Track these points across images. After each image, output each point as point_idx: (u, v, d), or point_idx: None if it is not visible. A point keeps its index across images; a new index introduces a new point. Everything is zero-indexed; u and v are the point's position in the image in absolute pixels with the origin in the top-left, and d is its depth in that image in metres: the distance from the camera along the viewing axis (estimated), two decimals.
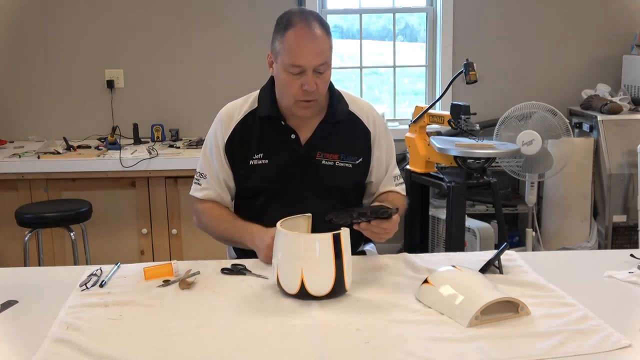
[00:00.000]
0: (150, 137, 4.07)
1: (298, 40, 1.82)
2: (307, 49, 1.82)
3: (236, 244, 2.01)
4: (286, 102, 1.92)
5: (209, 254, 2.13)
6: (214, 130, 2.03)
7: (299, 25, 1.83)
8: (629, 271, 1.75)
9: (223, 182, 2.02)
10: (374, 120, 2.05)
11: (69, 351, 1.34)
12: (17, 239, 3.50)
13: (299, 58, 1.82)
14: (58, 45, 4.13)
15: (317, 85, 1.86)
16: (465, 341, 1.38)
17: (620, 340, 1.36)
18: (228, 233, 1.98)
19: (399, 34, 4.54)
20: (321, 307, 1.55)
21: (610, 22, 4.34)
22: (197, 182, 2.06)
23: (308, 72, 1.84)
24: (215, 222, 2.02)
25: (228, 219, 2.01)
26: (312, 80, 1.85)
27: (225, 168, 2.01)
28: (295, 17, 1.85)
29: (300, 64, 1.83)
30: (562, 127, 3.64)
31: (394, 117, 4.50)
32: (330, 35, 1.89)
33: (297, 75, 1.85)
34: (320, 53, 1.84)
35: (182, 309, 1.56)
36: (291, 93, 1.87)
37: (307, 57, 1.82)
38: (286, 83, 1.87)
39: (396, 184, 2.08)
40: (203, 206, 2.05)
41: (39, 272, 2.09)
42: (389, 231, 1.76)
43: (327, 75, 1.90)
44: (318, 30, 1.84)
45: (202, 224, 2.07)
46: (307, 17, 1.86)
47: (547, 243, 4.07)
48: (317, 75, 1.86)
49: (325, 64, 1.86)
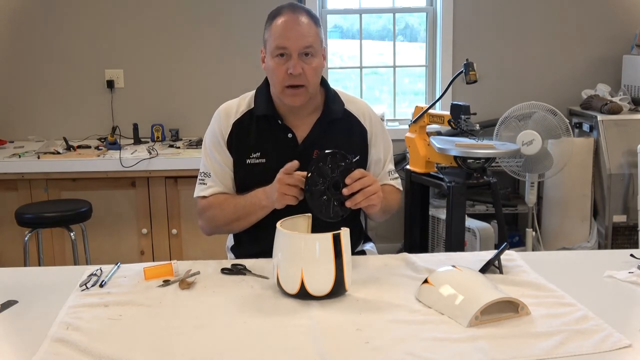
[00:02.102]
0: (150, 137, 4.07)
1: (283, 25, 1.88)
2: (291, 31, 1.87)
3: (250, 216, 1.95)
4: (275, 91, 1.94)
5: (209, 254, 2.13)
6: (214, 126, 2.03)
7: (285, 13, 1.89)
8: (629, 271, 1.75)
9: (229, 174, 2.01)
10: (370, 119, 2.05)
11: (69, 351, 1.34)
12: (17, 239, 3.50)
13: (284, 40, 1.86)
14: (58, 45, 4.13)
15: (304, 71, 1.87)
16: (465, 341, 1.38)
17: (620, 340, 1.36)
18: (240, 205, 1.94)
19: (399, 34, 4.54)
20: (321, 307, 1.55)
21: (610, 22, 4.34)
22: (202, 182, 2.03)
23: (293, 55, 1.87)
24: (224, 205, 1.98)
25: (235, 196, 1.99)
26: (298, 64, 1.87)
27: (229, 159, 2.00)
28: (284, 7, 1.92)
29: (284, 45, 1.86)
30: (562, 127, 3.64)
31: (394, 117, 4.50)
32: (318, 26, 1.92)
33: (283, 59, 1.87)
34: (304, 36, 1.87)
35: (182, 309, 1.56)
36: (279, 79, 1.89)
37: (291, 39, 1.86)
38: (274, 69, 1.90)
39: (391, 178, 2.09)
40: (206, 201, 2.02)
41: (39, 272, 2.09)
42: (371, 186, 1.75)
43: (315, 63, 1.90)
44: (304, 18, 1.89)
45: (209, 219, 2.02)
46: (295, 7, 1.92)
47: (547, 243, 4.07)
48: (303, 60, 1.88)
49: (310, 47, 1.88)
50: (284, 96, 1.92)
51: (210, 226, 2.04)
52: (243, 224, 1.98)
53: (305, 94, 1.92)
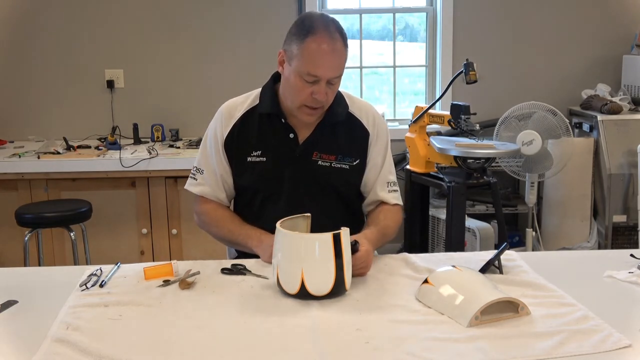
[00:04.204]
0: (150, 137, 4.07)
1: (319, 50, 1.80)
2: (326, 61, 1.82)
3: (238, 246, 2.00)
4: (291, 104, 1.91)
5: (209, 254, 2.14)
6: (214, 126, 2.03)
7: (320, 35, 1.81)
8: (629, 271, 1.75)
9: (220, 179, 2.02)
10: (374, 121, 2.04)
11: (69, 351, 1.34)
12: (17, 239, 3.50)
13: (317, 68, 1.81)
14: (58, 45, 4.13)
15: (326, 95, 1.86)
16: (465, 341, 1.38)
17: (620, 340, 1.36)
18: (233, 235, 1.97)
19: (399, 34, 4.54)
20: (321, 307, 1.55)
21: (610, 22, 4.34)
22: (193, 176, 2.06)
23: (322, 82, 1.84)
24: (220, 223, 2.01)
25: (234, 220, 2.00)
26: (324, 90, 1.85)
27: (223, 164, 2.01)
28: (319, 25, 1.83)
29: (317, 74, 1.82)
30: (562, 127, 3.64)
31: (394, 117, 4.50)
32: (347, 48, 1.88)
33: (310, 84, 1.84)
34: (338, 67, 1.85)
35: (182, 309, 1.56)
36: (300, 99, 1.87)
37: (325, 69, 1.82)
38: (297, 88, 1.86)
39: (389, 190, 2.04)
40: (205, 207, 2.04)
41: (39, 272, 2.09)
42: (365, 263, 1.73)
43: (337, 86, 1.91)
44: (339, 43, 1.84)
45: (203, 224, 2.07)
46: (329, 26, 1.84)
47: (547, 243, 4.07)
48: (328, 86, 1.86)
49: (339, 76, 1.87)
50: (301, 113, 1.91)
51: (202, 228, 2.09)
52: (233, 245, 2.04)
53: (320, 112, 1.94)
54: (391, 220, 2.01)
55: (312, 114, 1.90)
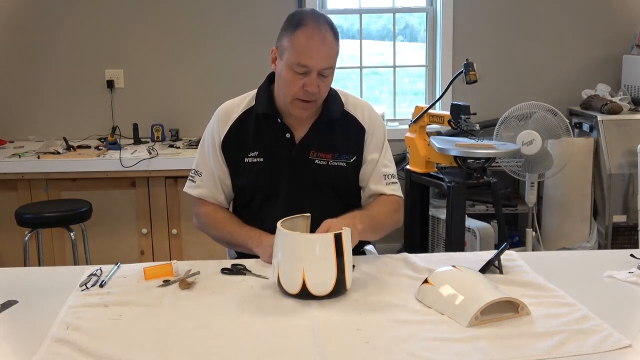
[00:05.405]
0: (150, 137, 4.07)
1: (308, 41, 1.82)
2: (315, 50, 1.82)
3: (238, 247, 1.99)
4: (284, 99, 1.91)
5: (209, 254, 2.14)
6: (211, 128, 2.03)
7: (310, 26, 1.83)
8: (629, 271, 1.75)
9: (218, 181, 2.02)
10: (369, 117, 2.04)
11: (69, 351, 1.34)
12: (17, 239, 3.50)
13: (307, 58, 1.82)
14: (58, 45, 4.13)
15: (319, 87, 1.86)
16: (465, 341, 1.38)
17: (620, 340, 1.36)
18: (233, 236, 1.97)
19: (399, 34, 4.54)
20: (321, 307, 1.55)
21: (610, 22, 4.34)
22: (192, 179, 2.07)
23: (312, 73, 1.84)
24: (219, 225, 2.01)
25: (233, 222, 2.00)
26: (316, 82, 1.85)
27: (221, 166, 2.01)
28: (308, 17, 1.86)
29: (307, 64, 1.83)
30: (562, 127, 3.64)
31: (394, 117, 4.50)
32: (338, 41, 1.89)
33: (301, 75, 1.84)
34: (328, 57, 1.85)
35: (182, 309, 1.56)
36: (292, 91, 1.87)
37: (314, 58, 1.83)
38: (288, 81, 1.87)
39: (387, 182, 2.02)
40: (204, 209, 2.05)
41: (39, 272, 2.10)
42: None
43: (329, 79, 1.91)
44: (329, 35, 1.85)
45: (203, 226, 2.07)
46: (319, 19, 1.86)
47: (547, 243, 4.07)
48: (320, 78, 1.86)
49: (330, 68, 1.87)
50: (294, 107, 1.91)
51: (202, 230, 2.09)
52: (233, 247, 2.04)
53: (314, 107, 1.93)
54: (382, 206, 1.98)
55: (305, 107, 1.90)
